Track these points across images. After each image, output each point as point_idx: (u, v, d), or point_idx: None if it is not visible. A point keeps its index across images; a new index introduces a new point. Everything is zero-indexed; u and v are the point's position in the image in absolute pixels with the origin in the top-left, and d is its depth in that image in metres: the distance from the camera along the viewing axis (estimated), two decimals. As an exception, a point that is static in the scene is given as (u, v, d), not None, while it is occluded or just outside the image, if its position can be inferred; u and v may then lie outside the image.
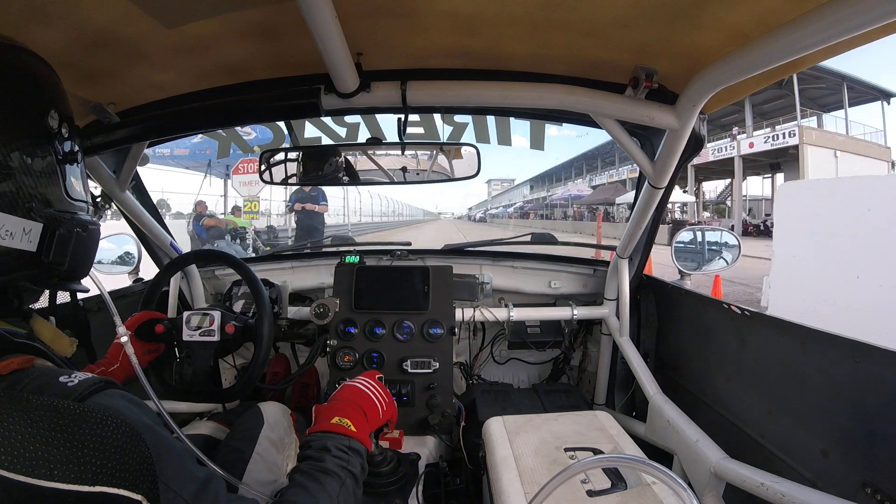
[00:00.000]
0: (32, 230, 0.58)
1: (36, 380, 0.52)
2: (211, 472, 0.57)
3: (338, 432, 0.79)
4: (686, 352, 1.58)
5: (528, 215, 54.37)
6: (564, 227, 31.33)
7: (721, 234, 1.80)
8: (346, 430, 0.80)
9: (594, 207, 31.31)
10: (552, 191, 56.58)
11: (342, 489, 0.71)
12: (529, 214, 54.73)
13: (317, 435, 0.79)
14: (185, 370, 1.14)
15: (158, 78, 1.09)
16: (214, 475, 0.57)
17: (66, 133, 0.65)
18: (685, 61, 0.97)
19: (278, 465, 1.05)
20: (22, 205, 0.56)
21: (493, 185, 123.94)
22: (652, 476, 0.60)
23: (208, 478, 0.56)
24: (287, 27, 0.90)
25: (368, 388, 0.93)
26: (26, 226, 0.57)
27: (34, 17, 0.76)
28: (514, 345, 1.91)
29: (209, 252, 1.43)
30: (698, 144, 1.19)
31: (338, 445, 0.76)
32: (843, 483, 0.90)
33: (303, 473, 0.71)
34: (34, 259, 0.59)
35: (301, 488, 0.68)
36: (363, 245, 2.22)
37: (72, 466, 0.42)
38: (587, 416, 1.30)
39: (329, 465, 0.72)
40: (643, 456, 1.07)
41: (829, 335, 0.96)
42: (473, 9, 0.86)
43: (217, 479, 0.57)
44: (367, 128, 2.00)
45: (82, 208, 0.69)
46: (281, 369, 1.90)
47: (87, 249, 0.70)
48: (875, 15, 0.59)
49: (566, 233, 23.99)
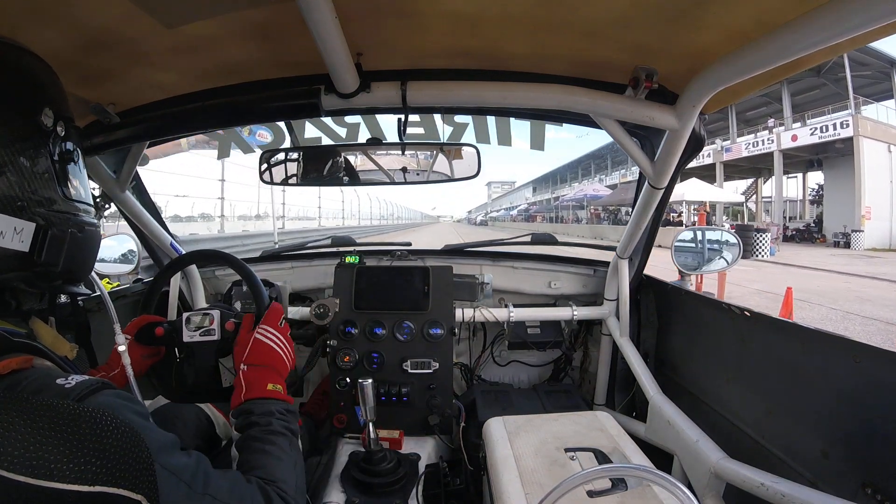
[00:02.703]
0: (24, 230, 0.57)
1: (35, 381, 0.52)
2: (197, 455, 0.61)
3: (275, 398, 0.86)
4: (686, 352, 1.58)
5: (535, 218, 50.80)
6: (580, 230, 27.73)
7: (721, 233, 1.80)
8: (280, 394, 0.88)
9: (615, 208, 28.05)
10: (557, 192, 54.23)
11: (291, 445, 0.79)
12: (536, 217, 51.00)
13: (257, 402, 0.84)
14: (186, 371, 1.14)
15: (159, 78, 1.09)
16: (200, 456, 0.61)
17: (63, 132, 0.65)
18: (685, 61, 0.97)
19: None
20: (12, 203, 0.56)
21: (493, 187, 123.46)
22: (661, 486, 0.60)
23: (197, 459, 0.59)
24: (287, 27, 0.90)
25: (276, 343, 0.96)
26: (17, 225, 0.57)
27: (34, 17, 0.76)
28: (514, 345, 1.90)
29: (209, 252, 1.43)
30: (698, 145, 1.19)
31: (279, 409, 0.83)
32: (843, 483, 0.90)
33: (256, 439, 0.76)
34: (27, 259, 0.58)
35: (263, 454, 0.74)
36: (363, 245, 2.22)
37: (72, 466, 0.42)
38: (587, 416, 1.30)
39: (277, 427, 0.79)
40: (643, 456, 1.07)
41: (829, 335, 0.96)
42: (473, 9, 0.86)
43: (203, 458, 0.61)
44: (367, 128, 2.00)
45: (82, 209, 0.69)
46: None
47: (84, 251, 0.69)
48: (875, 15, 0.59)
49: (584, 238, 21.64)
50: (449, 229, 44.51)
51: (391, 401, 1.52)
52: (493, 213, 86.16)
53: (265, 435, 0.76)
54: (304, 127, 2.47)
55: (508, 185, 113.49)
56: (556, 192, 54.81)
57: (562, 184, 57.18)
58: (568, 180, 54.69)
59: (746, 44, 0.81)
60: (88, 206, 0.72)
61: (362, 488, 1.22)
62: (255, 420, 0.79)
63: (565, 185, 54.64)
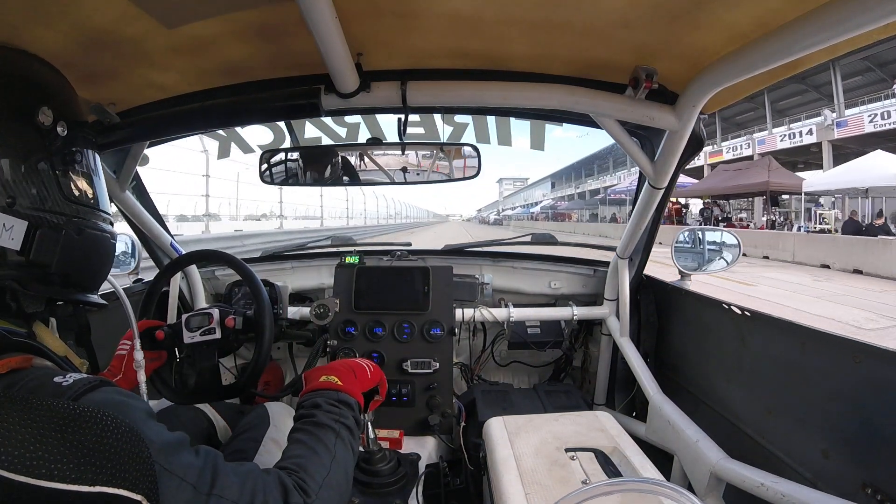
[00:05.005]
0: (14, 227, 0.57)
1: (33, 380, 0.52)
2: (205, 451, 0.58)
3: (326, 388, 0.81)
4: (686, 352, 1.58)
5: (566, 217, 41.38)
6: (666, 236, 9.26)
7: (721, 233, 1.80)
8: (334, 384, 0.82)
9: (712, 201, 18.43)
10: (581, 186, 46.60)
11: (338, 440, 0.72)
12: (568, 216, 41.49)
13: (308, 395, 0.81)
14: (187, 372, 1.14)
15: (159, 78, 1.09)
16: (209, 452, 0.58)
17: (65, 132, 0.65)
18: (685, 61, 0.97)
19: None
20: (1, 200, 0.56)
21: (504, 184, 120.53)
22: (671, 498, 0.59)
23: (205, 457, 0.57)
24: (287, 27, 0.90)
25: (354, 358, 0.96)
26: (6, 222, 0.56)
27: (34, 17, 0.76)
28: (514, 345, 1.91)
29: (209, 252, 1.42)
30: (698, 145, 1.19)
31: (327, 400, 0.78)
32: (843, 483, 0.90)
33: (298, 431, 0.73)
34: (18, 259, 0.58)
35: (298, 444, 0.70)
36: (363, 245, 2.22)
37: (71, 466, 0.42)
38: (587, 416, 1.30)
39: (321, 419, 0.74)
40: (643, 456, 1.07)
41: (829, 335, 0.96)
42: (473, 9, 0.86)
43: (212, 454, 0.58)
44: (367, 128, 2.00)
45: (91, 213, 0.68)
46: (272, 378, 1.88)
47: (87, 255, 0.68)
48: (875, 15, 0.59)
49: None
50: (458, 229, 39.29)
51: (391, 401, 1.52)
52: (508, 211, 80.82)
53: (305, 426, 0.73)
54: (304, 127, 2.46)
55: (521, 182, 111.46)
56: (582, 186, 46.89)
57: (587, 177, 49.50)
58: (594, 173, 46.66)
59: (746, 44, 0.81)
60: (102, 212, 0.71)
61: (362, 488, 1.22)
62: (302, 413, 0.77)
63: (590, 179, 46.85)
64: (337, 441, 0.72)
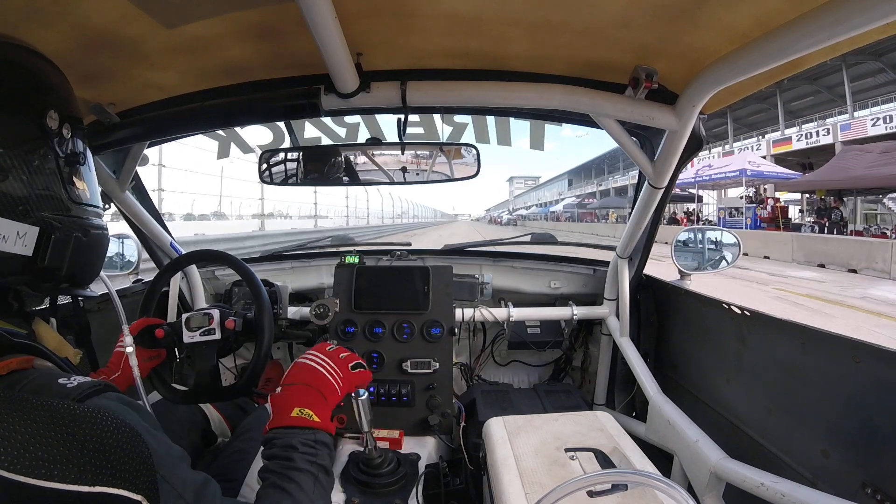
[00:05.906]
0: (27, 234, 0.57)
1: (35, 381, 0.52)
2: (206, 477, 0.58)
3: (301, 426, 0.75)
4: (686, 352, 1.58)
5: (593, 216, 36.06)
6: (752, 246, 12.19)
7: (721, 233, 1.80)
8: (309, 421, 0.76)
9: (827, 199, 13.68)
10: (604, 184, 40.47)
11: (316, 484, 0.70)
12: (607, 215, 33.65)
13: (279, 431, 0.75)
14: (186, 372, 1.14)
15: (159, 78, 1.09)
16: (209, 479, 0.58)
17: (69, 134, 0.64)
18: (685, 61, 0.97)
19: None
20: (14, 207, 0.55)
21: (515, 182, 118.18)
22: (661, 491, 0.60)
23: (205, 481, 0.57)
24: (287, 27, 0.90)
25: (320, 364, 0.86)
26: (20, 229, 0.56)
27: (34, 17, 0.76)
28: (514, 345, 1.90)
29: (208, 252, 1.42)
30: (698, 145, 1.19)
31: (304, 441, 0.73)
32: (843, 483, 0.90)
33: (276, 474, 0.69)
34: (30, 264, 0.58)
35: (278, 489, 0.67)
36: (363, 245, 2.22)
37: (71, 467, 0.42)
38: (587, 416, 1.30)
39: (299, 464, 0.70)
40: (643, 456, 1.07)
41: (829, 335, 0.96)
42: (473, 9, 0.86)
43: (212, 482, 0.58)
44: (366, 128, 2.00)
45: (90, 212, 0.68)
46: (275, 375, 1.89)
47: (90, 254, 0.69)
48: (875, 15, 0.59)
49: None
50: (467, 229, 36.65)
51: (391, 401, 1.52)
52: (522, 210, 75.80)
53: (284, 471, 0.69)
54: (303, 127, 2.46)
55: (532, 181, 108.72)
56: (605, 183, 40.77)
57: (610, 173, 43.68)
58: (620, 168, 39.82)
59: (746, 44, 0.81)
60: (96, 208, 0.71)
61: (362, 488, 1.22)
62: (276, 453, 0.72)
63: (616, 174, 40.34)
64: (315, 485, 0.70)
